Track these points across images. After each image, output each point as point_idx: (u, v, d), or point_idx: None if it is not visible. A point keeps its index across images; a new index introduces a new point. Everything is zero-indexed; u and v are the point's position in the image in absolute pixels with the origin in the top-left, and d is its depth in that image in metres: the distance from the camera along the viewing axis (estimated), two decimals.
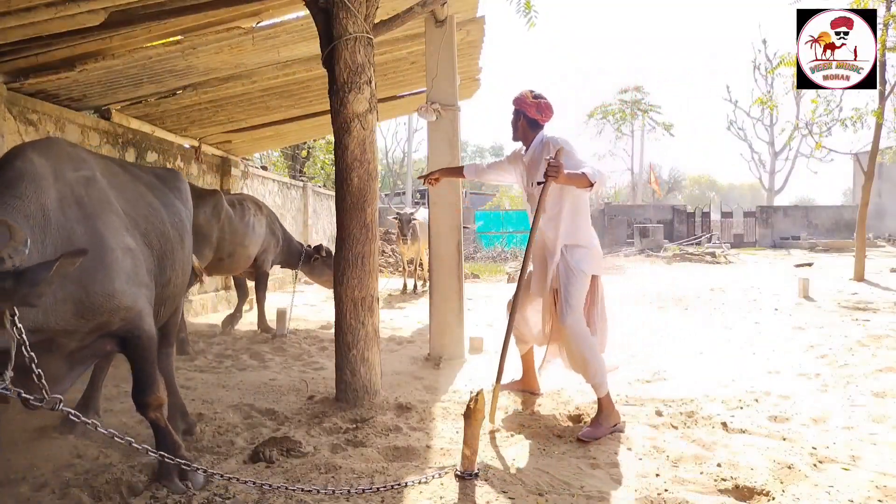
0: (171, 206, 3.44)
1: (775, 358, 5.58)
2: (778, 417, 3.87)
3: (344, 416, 3.87)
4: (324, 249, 7.83)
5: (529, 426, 3.76)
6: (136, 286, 2.68)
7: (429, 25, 5.74)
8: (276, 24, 5.28)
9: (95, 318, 2.50)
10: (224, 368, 5.41)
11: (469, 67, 7.87)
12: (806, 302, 9.17)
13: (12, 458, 3.13)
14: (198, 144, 8.58)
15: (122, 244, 2.66)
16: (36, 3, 3.73)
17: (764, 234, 30.74)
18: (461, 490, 2.84)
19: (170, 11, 4.38)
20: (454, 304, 5.72)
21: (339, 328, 4.16)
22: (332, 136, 4.24)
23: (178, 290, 3.45)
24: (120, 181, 3.03)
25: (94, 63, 4.97)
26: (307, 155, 19.58)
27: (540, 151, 3.97)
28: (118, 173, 3.11)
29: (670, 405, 4.13)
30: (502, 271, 16.26)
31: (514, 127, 4.12)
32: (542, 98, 4.04)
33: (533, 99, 4.03)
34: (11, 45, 4.40)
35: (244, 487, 2.80)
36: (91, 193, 2.62)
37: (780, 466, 3.04)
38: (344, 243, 4.12)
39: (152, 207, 3.19)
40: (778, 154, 40.71)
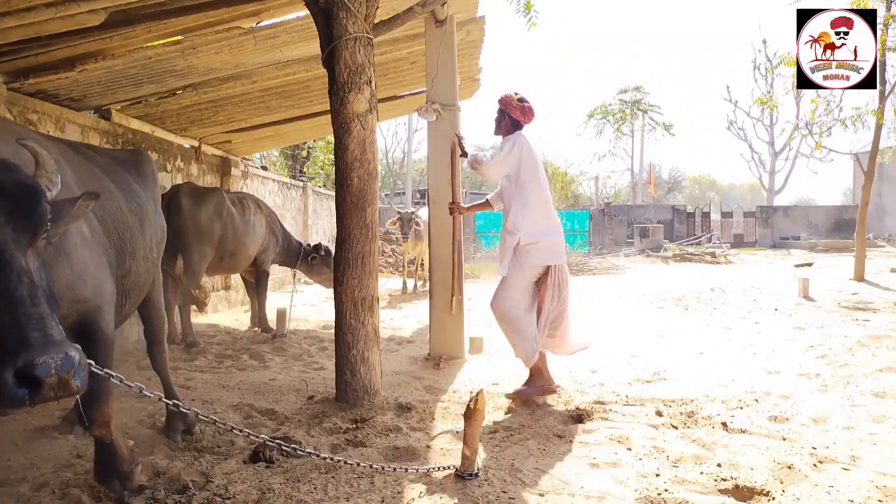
0: (128, 190, 3.23)
1: (775, 358, 5.58)
2: (778, 417, 3.87)
3: (344, 416, 3.87)
4: (322, 248, 7.83)
5: (529, 426, 3.76)
6: (94, 278, 2.55)
7: (429, 25, 5.74)
8: (276, 24, 5.27)
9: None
10: (224, 368, 5.41)
11: (469, 67, 7.87)
12: (806, 302, 9.18)
13: (12, 458, 3.14)
14: (198, 144, 8.58)
15: (79, 231, 2.52)
16: (36, 3, 3.72)
17: (764, 234, 30.75)
18: (461, 490, 2.84)
19: (170, 11, 4.37)
20: (454, 304, 5.71)
21: (339, 328, 4.16)
22: (332, 136, 4.24)
23: (141, 280, 3.24)
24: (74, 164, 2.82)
25: (94, 63, 4.96)
26: (307, 155, 19.59)
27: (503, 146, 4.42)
28: (71, 156, 2.91)
29: (670, 405, 4.13)
30: None
31: (498, 124, 4.43)
32: (526, 102, 4.36)
33: (518, 102, 4.34)
34: (11, 45, 4.39)
35: (244, 488, 2.81)
36: None
37: (781, 466, 3.04)
38: (344, 243, 4.12)
39: (108, 191, 2.98)
40: (778, 154, 40.73)
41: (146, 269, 3.29)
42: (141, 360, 5.63)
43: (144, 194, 3.41)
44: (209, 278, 8.46)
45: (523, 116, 4.33)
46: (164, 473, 2.94)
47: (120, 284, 2.93)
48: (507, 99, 4.34)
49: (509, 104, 4.32)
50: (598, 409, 4.04)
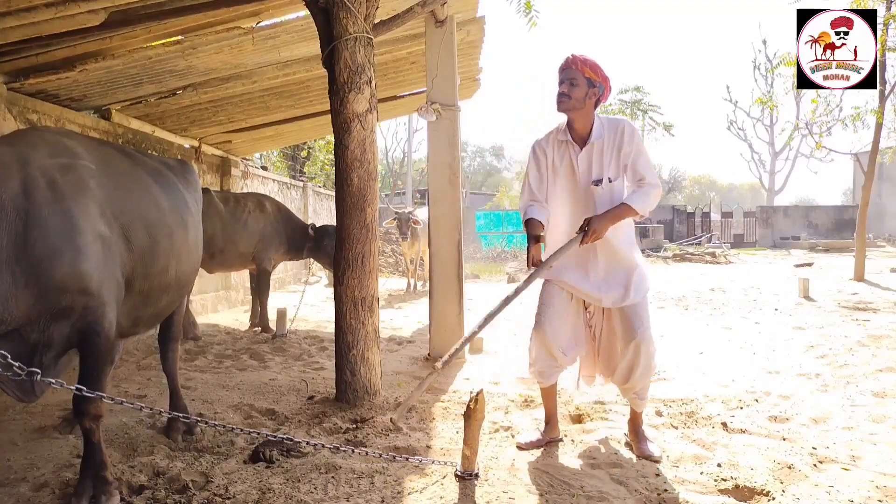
0: (174, 193, 3.40)
1: (775, 358, 5.58)
2: (778, 417, 3.87)
3: (344, 416, 3.87)
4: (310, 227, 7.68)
5: (531, 427, 3.76)
6: (104, 274, 2.61)
7: (429, 25, 5.74)
8: (276, 24, 5.28)
9: (60, 300, 2.46)
10: (224, 368, 5.40)
11: (469, 67, 7.87)
12: (806, 302, 9.18)
13: (12, 458, 3.14)
14: (198, 144, 8.58)
15: (95, 229, 2.61)
16: (36, 3, 3.73)
17: (764, 234, 30.76)
18: (461, 490, 2.84)
19: (170, 11, 4.37)
20: (454, 304, 5.72)
21: (339, 328, 4.16)
22: (333, 136, 4.23)
23: (183, 278, 3.39)
24: (115, 168, 2.97)
25: (95, 63, 4.97)
26: (307, 155, 19.57)
27: (613, 140, 3.24)
28: (116, 160, 3.07)
29: (670, 405, 4.14)
30: (502, 271, 16.25)
31: (574, 98, 3.18)
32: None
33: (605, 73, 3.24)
34: (11, 45, 4.40)
35: (244, 488, 2.80)
36: (66, 178, 2.57)
37: (781, 466, 3.04)
38: (344, 243, 4.12)
39: (150, 194, 3.14)
40: (778, 154, 40.76)
41: (188, 268, 3.45)
42: (141, 360, 5.64)
43: (189, 199, 3.59)
44: (210, 276, 8.47)
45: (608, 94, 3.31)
46: (164, 473, 2.94)
47: (159, 282, 3.08)
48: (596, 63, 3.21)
49: (601, 72, 3.21)
50: (597, 409, 4.05)
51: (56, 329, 2.53)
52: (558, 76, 3.25)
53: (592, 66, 3.19)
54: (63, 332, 2.56)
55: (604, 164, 3.26)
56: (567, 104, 3.20)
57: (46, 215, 2.44)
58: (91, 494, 2.62)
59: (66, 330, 2.56)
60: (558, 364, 3.39)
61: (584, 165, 3.27)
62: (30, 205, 2.41)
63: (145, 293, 3.02)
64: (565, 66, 3.22)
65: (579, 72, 3.17)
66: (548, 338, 3.33)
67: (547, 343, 3.33)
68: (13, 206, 2.36)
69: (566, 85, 3.19)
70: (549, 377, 3.43)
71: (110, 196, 2.77)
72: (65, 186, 2.55)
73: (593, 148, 3.25)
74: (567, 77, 3.20)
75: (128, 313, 2.93)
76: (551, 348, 3.33)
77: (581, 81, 3.18)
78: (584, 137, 3.27)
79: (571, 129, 3.29)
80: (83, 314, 2.56)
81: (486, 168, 61.13)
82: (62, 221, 2.48)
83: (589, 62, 3.19)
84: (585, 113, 3.24)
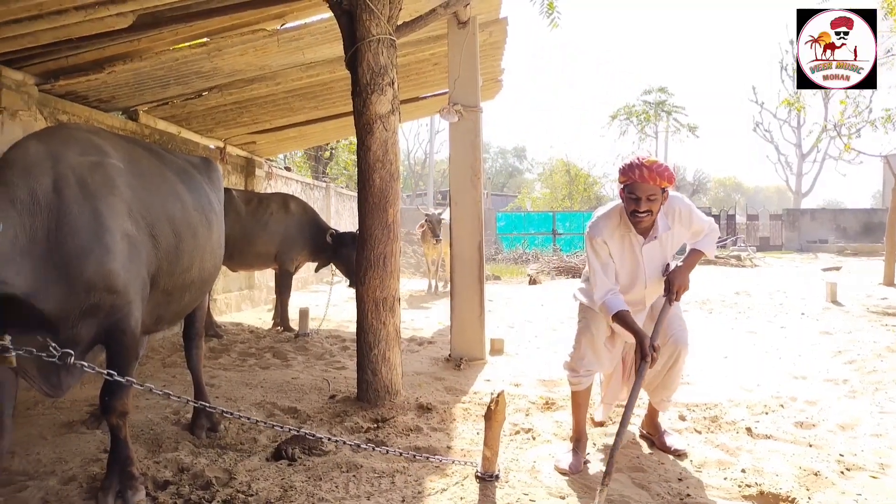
0: (198, 192, 3.45)
1: (802, 363, 5.49)
2: (804, 423, 3.80)
3: (365, 415, 3.89)
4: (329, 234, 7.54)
5: (551, 430, 3.74)
6: (130, 273, 2.66)
7: (451, 27, 5.74)
8: (300, 27, 5.32)
9: (88, 298, 2.51)
10: (248, 367, 5.46)
11: (491, 69, 7.86)
12: (834, 306, 9.00)
13: (41, 452, 3.20)
14: (223, 145, 8.69)
15: (122, 228, 2.66)
16: (66, 6, 3.80)
17: (790, 237, 30.29)
18: (482, 491, 2.84)
19: (196, 14, 4.43)
20: (475, 305, 5.72)
21: (361, 328, 4.18)
22: (355, 137, 4.26)
23: (206, 274, 3.43)
24: (142, 167, 3.02)
25: (123, 65, 5.05)
26: (330, 156, 19.72)
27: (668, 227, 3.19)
28: (143, 158, 3.11)
29: (694, 409, 4.09)
30: (523, 273, 16.20)
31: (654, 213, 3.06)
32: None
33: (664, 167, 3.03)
34: (43, 48, 4.49)
35: (266, 485, 2.83)
36: (95, 177, 2.62)
37: (807, 473, 3.00)
38: (366, 244, 4.14)
39: (175, 193, 3.18)
40: (805, 156, 40.09)
41: (212, 266, 3.50)
42: (166, 358, 5.73)
43: (213, 197, 3.64)
44: (234, 275, 8.57)
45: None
46: (188, 469, 2.98)
47: (183, 279, 3.12)
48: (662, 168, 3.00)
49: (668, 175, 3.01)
50: (619, 413, 4.01)
51: (84, 325, 2.58)
52: (628, 189, 3.02)
53: (664, 175, 2.98)
54: (90, 328, 2.61)
55: (667, 251, 3.24)
56: (648, 220, 3.06)
57: (76, 213, 2.49)
58: (117, 489, 2.67)
59: (93, 326, 2.61)
60: (601, 366, 3.35)
61: (648, 256, 3.18)
62: (60, 202, 2.46)
63: (169, 291, 3.06)
64: (640, 180, 2.97)
65: (657, 187, 2.98)
66: (595, 341, 3.27)
67: (595, 344, 3.27)
68: (46, 202, 2.42)
69: (645, 203, 2.99)
70: (588, 379, 3.33)
71: (138, 195, 2.82)
72: (94, 185, 2.59)
73: (659, 239, 3.17)
74: (644, 194, 2.98)
75: (152, 311, 2.98)
76: (599, 350, 3.28)
77: (658, 194, 3.01)
78: (647, 229, 3.13)
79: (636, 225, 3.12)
80: (110, 311, 2.61)
81: (509, 169, 61.04)
82: (91, 220, 2.53)
83: (662, 172, 2.98)
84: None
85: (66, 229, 2.44)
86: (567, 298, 8.73)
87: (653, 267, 3.22)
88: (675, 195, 3.20)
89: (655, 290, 3.29)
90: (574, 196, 32.81)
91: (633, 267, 3.21)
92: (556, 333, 7.09)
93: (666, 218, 3.16)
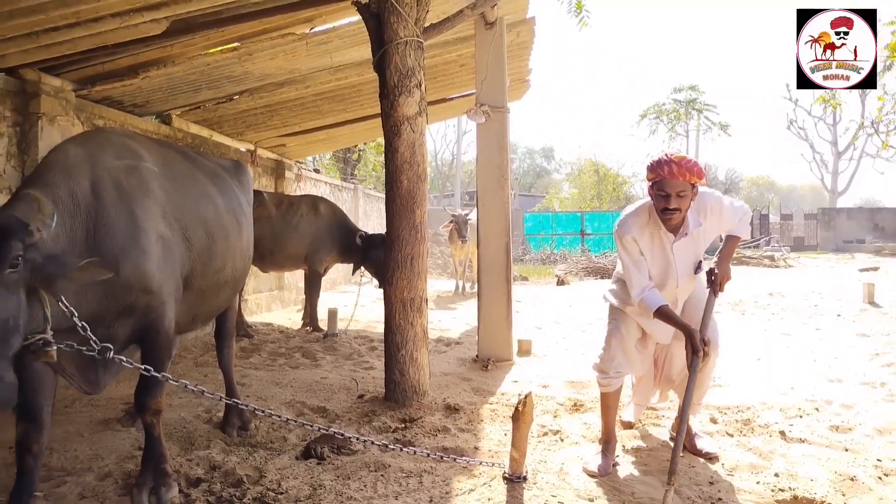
0: (229, 194, 3.51)
1: (837, 366, 5.37)
2: (840, 427, 3.72)
3: (393, 415, 3.91)
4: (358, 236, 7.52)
5: (580, 432, 3.72)
6: (165, 274, 2.72)
7: (478, 28, 5.75)
8: (328, 30, 5.38)
9: (124, 298, 2.57)
10: (278, 366, 5.53)
11: (519, 69, 7.84)
12: (871, 308, 8.77)
13: (78, 449, 3.28)
14: (253, 148, 8.81)
15: (156, 230, 2.71)
16: (103, 13, 3.90)
17: (826, 237, 29.62)
18: (509, 492, 2.83)
19: (227, 19, 4.51)
20: (502, 306, 5.71)
21: (389, 329, 4.21)
22: (383, 139, 4.29)
23: (237, 275, 3.49)
24: (175, 170, 3.08)
25: (156, 70, 5.16)
26: (358, 157, 19.87)
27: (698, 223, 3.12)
28: (176, 161, 3.18)
29: (725, 412, 4.03)
30: (551, 274, 16.12)
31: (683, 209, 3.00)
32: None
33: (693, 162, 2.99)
34: (80, 55, 4.61)
35: (296, 483, 2.87)
36: (131, 180, 2.69)
37: (842, 478, 2.93)
38: (394, 245, 4.17)
39: (208, 196, 3.24)
40: (841, 154, 39.18)
41: (242, 266, 3.56)
42: (199, 357, 5.83)
43: (243, 199, 3.70)
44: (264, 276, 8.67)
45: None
46: (219, 467, 3.03)
47: (216, 279, 3.19)
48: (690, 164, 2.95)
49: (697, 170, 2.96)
50: (649, 415, 3.97)
51: (120, 325, 2.64)
52: (657, 186, 2.97)
53: (693, 170, 2.93)
54: (126, 327, 2.67)
55: (699, 247, 3.18)
56: (678, 218, 3.00)
57: (113, 216, 2.55)
58: (151, 485, 2.72)
59: (128, 326, 2.68)
60: (632, 368, 3.30)
61: (679, 254, 3.12)
62: (98, 204, 2.52)
63: (202, 291, 3.12)
64: (669, 176, 2.91)
65: (687, 182, 2.93)
66: (626, 341, 3.21)
67: (625, 345, 3.21)
68: (84, 204, 2.49)
69: (674, 199, 2.93)
70: (617, 380, 3.26)
71: (171, 197, 2.88)
72: (129, 188, 2.66)
73: (690, 236, 3.11)
74: (674, 191, 2.92)
75: (185, 311, 3.04)
76: (629, 351, 3.23)
77: (688, 190, 2.95)
78: (678, 226, 3.07)
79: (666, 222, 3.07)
80: (145, 311, 2.67)
81: (536, 170, 60.74)
82: (127, 222, 2.59)
83: (692, 168, 2.93)
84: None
85: (104, 231, 2.50)
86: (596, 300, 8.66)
87: (684, 265, 3.16)
88: (705, 190, 3.15)
89: (687, 288, 3.24)
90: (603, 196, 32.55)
91: (664, 265, 3.15)
92: (584, 335, 7.04)
93: (697, 214, 3.09)
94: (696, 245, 3.17)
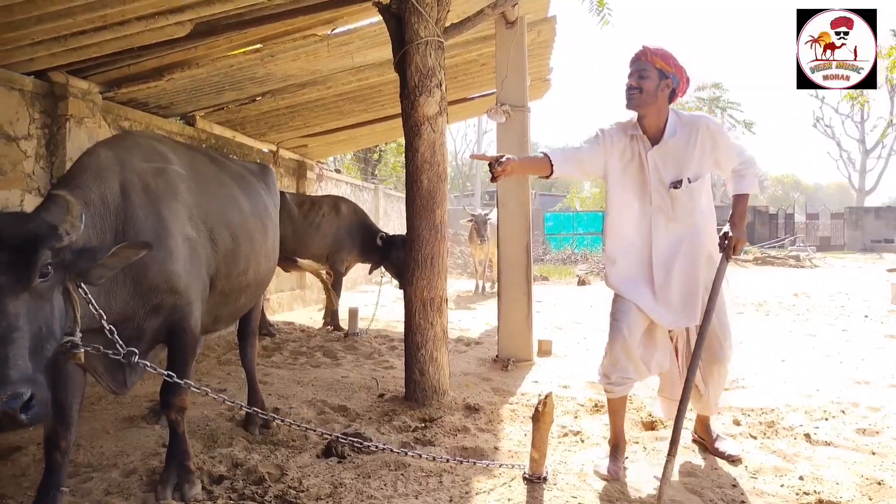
0: (255, 197, 3.55)
1: (865, 367, 5.27)
2: (867, 430, 3.66)
3: (413, 414, 3.92)
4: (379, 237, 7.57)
5: (601, 433, 3.70)
6: (191, 275, 2.76)
7: (499, 27, 5.74)
8: (349, 31, 5.41)
9: (151, 298, 2.61)
10: (299, 365, 5.57)
11: (539, 68, 7.82)
12: None
13: (104, 445, 3.34)
14: (275, 149, 8.90)
15: (183, 232, 2.76)
16: (129, 17, 3.97)
17: (853, 236, 29.10)
18: (529, 493, 2.83)
19: (250, 21, 4.56)
20: (523, 306, 5.69)
21: (409, 328, 4.22)
22: (403, 139, 4.30)
23: (261, 277, 3.53)
24: (202, 173, 3.13)
25: (181, 72, 5.23)
26: (378, 157, 19.95)
27: (686, 139, 2.98)
28: (203, 164, 3.24)
29: (749, 414, 3.98)
30: (572, 273, 16.03)
31: (645, 91, 2.93)
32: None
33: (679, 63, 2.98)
34: (106, 57, 4.70)
35: (317, 481, 2.89)
36: (159, 182, 2.73)
37: (869, 482, 2.88)
38: (414, 245, 4.18)
39: (232, 198, 3.29)
40: (869, 152, 38.46)
41: (267, 269, 3.61)
42: (222, 355, 5.89)
43: (269, 202, 3.75)
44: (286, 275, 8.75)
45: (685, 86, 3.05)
46: (242, 465, 3.06)
47: (240, 281, 3.23)
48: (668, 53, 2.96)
49: (674, 62, 2.95)
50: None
51: (147, 325, 2.69)
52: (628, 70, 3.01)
53: (664, 56, 2.93)
54: (153, 328, 2.72)
55: (682, 163, 2.97)
56: (638, 99, 2.93)
57: (142, 217, 2.60)
58: (175, 482, 2.76)
59: (155, 326, 2.72)
60: (639, 373, 3.11)
61: (654, 163, 2.99)
62: (127, 206, 2.57)
63: (227, 292, 3.16)
64: (635, 58, 2.98)
65: (649, 63, 2.91)
66: (629, 344, 3.04)
67: (628, 349, 3.05)
68: (114, 206, 2.54)
69: (635, 77, 2.93)
70: (622, 387, 3.10)
71: (198, 200, 2.93)
72: (157, 190, 2.71)
73: (667, 146, 2.97)
74: (637, 69, 2.94)
75: (210, 311, 3.08)
76: (633, 355, 3.06)
77: (652, 73, 2.91)
78: (657, 134, 2.98)
79: (643, 125, 3.01)
80: (171, 312, 2.71)
81: None
82: (155, 224, 2.64)
83: (660, 52, 2.93)
84: (658, 108, 2.96)
85: (132, 232, 2.54)
86: None
87: (658, 176, 3.00)
88: (707, 115, 3.12)
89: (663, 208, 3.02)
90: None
91: (638, 174, 3.04)
92: (605, 335, 6.97)
93: (681, 128, 2.97)
94: (676, 160, 2.99)
